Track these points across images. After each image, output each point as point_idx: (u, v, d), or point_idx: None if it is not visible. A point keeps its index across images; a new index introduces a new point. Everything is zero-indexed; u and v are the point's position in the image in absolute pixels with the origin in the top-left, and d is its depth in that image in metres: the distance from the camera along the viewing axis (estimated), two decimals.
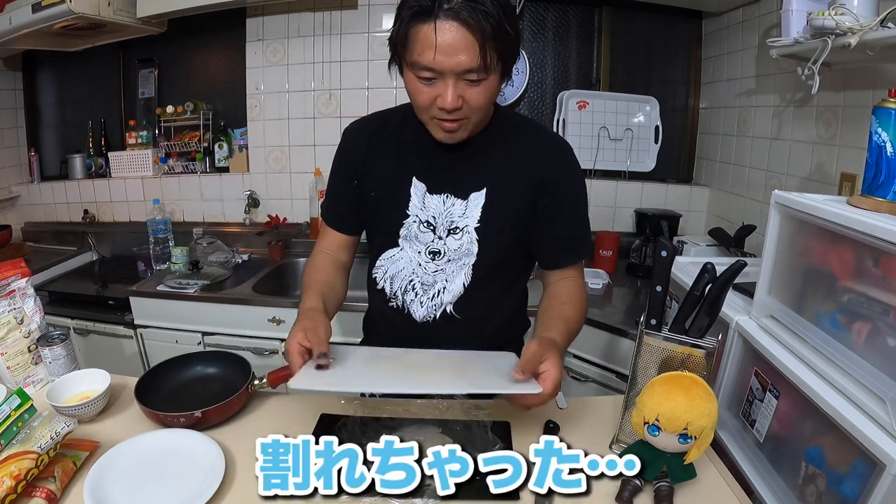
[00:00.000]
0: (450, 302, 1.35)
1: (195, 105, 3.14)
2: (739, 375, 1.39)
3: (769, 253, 1.34)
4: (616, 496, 1.00)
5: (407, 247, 1.34)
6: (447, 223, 1.30)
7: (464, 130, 1.19)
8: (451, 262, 1.32)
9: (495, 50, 1.06)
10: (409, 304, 1.37)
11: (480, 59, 1.05)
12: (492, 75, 1.10)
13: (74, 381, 1.27)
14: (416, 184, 1.31)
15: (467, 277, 1.33)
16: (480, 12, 1.01)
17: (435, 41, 1.03)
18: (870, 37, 1.44)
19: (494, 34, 1.04)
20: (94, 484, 0.98)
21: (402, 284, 1.36)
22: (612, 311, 2.30)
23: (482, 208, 1.28)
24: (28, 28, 2.56)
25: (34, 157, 3.39)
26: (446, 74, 1.07)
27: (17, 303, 1.35)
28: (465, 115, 1.14)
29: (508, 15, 1.06)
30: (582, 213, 1.37)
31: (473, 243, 1.30)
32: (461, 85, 1.09)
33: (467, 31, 1.02)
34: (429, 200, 1.31)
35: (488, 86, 1.11)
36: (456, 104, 1.10)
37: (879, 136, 1.10)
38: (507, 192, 1.29)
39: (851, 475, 0.97)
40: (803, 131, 2.11)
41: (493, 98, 1.17)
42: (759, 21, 2.40)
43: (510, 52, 1.11)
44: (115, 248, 3.30)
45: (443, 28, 1.02)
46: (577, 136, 2.95)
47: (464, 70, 1.06)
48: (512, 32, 1.07)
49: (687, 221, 2.92)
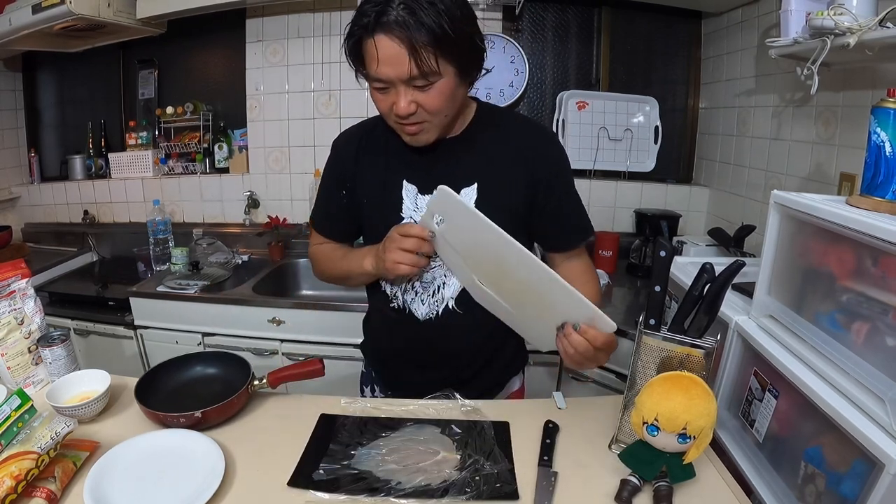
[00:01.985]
0: (451, 297, 1.35)
1: (195, 106, 3.14)
2: (739, 375, 1.39)
3: (768, 253, 1.34)
4: (615, 496, 1.00)
5: None
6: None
7: (427, 133, 1.21)
8: None
9: (435, 56, 1.08)
10: (411, 303, 1.37)
11: (418, 68, 1.07)
12: (443, 79, 1.12)
13: (74, 382, 1.27)
14: (407, 186, 1.33)
15: None
16: (414, 22, 1.04)
17: (376, 54, 1.08)
18: (869, 37, 1.44)
19: (433, 41, 1.06)
20: (95, 484, 0.98)
21: (402, 285, 1.36)
22: (611, 310, 2.27)
23: (474, 203, 1.28)
24: (28, 29, 2.56)
25: (34, 157, 3.39)
26: (395, 83, 1.11)
27: (17, 303, 1.35)
28: (423, 118, 1.17)
29: (454, 19, 1.07)
30: (575, 195, 1.39)
31: None
32: (412, 91, 1.12)
33: (400, 44, 1.06)
34: (421, 201, 1.32)
35: (441, 89, 1.13)
36: (409, 110, 1.13)
37: (878, 135, 1.10)
38: (498, 183, 1.30)
39: (851, 475, 0.98)
40: (803, 131, 2.11)
41: (452, 98, 1.18)
42: (759, 21, 2.40)
43: (459, 55, 1.12)
44: (116, 249, 3.31)
45: (381, 42, 1.07)
46: (577, 137, 2.95)
47: (408, 78, 1.09)
48: (455, 36, 1.08)
49: (686, 221, 2.92)
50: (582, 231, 1.40)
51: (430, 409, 1.28)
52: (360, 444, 1.13)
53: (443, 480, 1.03)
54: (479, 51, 1.19)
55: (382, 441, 1.14)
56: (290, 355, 2.48)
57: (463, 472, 1.05)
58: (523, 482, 1.04)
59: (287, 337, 2.46)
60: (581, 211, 1.40)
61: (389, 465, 1.07)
